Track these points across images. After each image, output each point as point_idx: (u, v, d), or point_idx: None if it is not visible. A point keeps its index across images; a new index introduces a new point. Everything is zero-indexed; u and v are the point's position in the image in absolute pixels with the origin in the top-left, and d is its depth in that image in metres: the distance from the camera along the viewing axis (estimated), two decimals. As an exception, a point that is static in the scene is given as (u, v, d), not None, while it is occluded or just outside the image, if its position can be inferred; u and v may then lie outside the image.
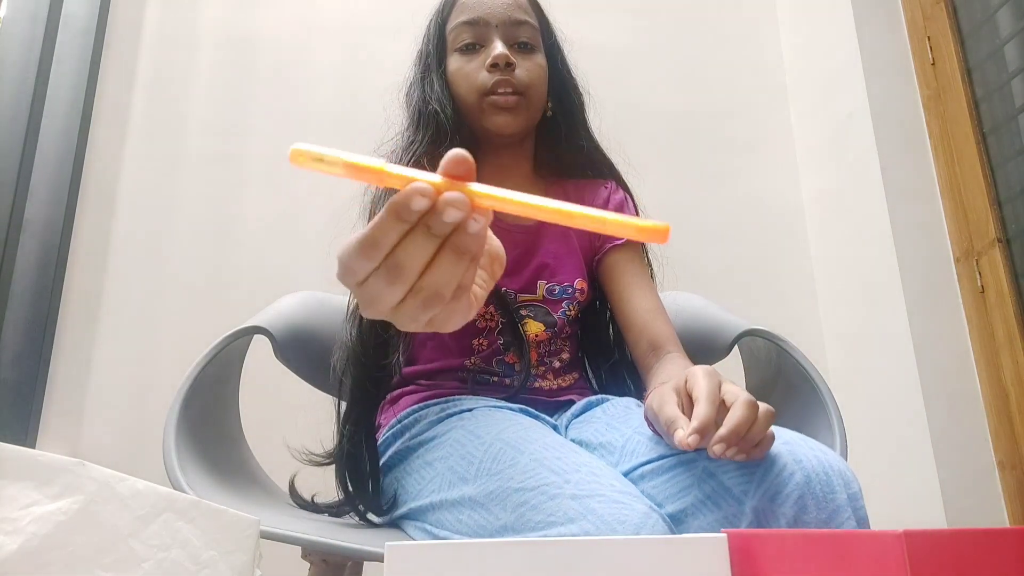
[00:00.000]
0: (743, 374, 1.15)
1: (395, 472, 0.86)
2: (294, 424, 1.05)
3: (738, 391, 0.62)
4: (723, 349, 1.08)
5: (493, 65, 0.93)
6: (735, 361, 1.13)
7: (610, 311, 1.01)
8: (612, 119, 1.08)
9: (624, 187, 1.05)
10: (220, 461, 0.91)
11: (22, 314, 1.61)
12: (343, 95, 1.87)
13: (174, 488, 0.76)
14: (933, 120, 1.64)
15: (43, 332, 1.60)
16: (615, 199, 1.03)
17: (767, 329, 1.04)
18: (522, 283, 0.96)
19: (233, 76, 1.88)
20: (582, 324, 1.03)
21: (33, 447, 1.54)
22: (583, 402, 0.92)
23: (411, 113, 1.00)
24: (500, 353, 0.94)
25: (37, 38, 1.76)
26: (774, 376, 1.06)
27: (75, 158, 1.72)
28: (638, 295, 0.95)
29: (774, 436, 0.62)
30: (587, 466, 0.65)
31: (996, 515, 1.40)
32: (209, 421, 0.94)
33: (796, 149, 1.95)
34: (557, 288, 0.96)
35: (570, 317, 0.97)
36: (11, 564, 0.46)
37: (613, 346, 1.02)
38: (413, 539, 0.79)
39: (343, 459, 0.87)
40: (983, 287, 1.49)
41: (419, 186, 0.39)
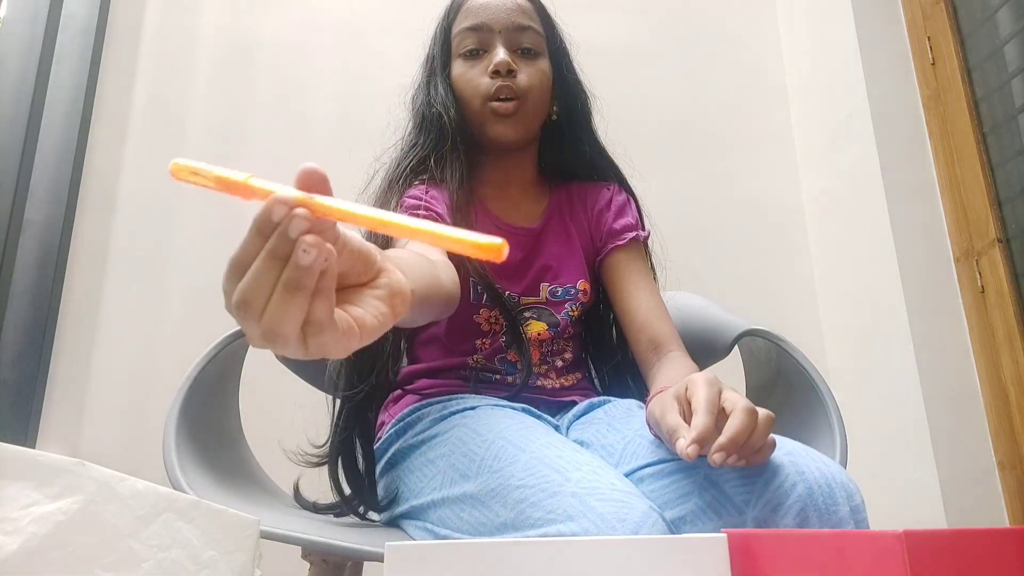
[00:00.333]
0: (743, 374, 1.15)
1: (397, 470, 0.86)
2: (294, 425, 1.04)
3: (737, 398, 0.61)
4: (723, 349, 1.08)
5: (495, 71, 0.94)
6: (735, 361, 1.13)
7: (613, 312, 1.01)
8: (612, 119, 1.09)
9: (628, 189, 1.06)
10: (220, 461, 0.91)
11: (22, 314, 1.60)
12: (343, 96, 1.87)
13: (174, 488, 0.76)
14: (933, 120, 1.64)
15: (43, 332, 1.60)
16: (618, 201, 1.03)
17: (767, 329, 1.04)
18: (525, 286, 0.96)
19: (233, 76, 1.87)
20: (585, 325, 1.04)
21: (33, 447, 1.54)
22: (585, 403, 0.92)
23: (415, 116, 1.01)
24: (502, 351, 0.94)
25: (37, 38, 1.76)
26: (774, 376, 1.06)
27: (75, 158, 1.72)
28: (639, 294, 0.96)
29: (775, 442, 0.62)
30: (588, 465, 0.65)
31: (996, 515, 1.40)
32: (209, 421, 0.94)
33: (796, 149, 1.95)
34: (560, 290, 0.97)
35: (573, 318, 0.97)
36: (11, 564, 0.46)
37: (616, 347, 1.02)
38: (413, 538, 0.79)
39: (335, 458, 0.87)
40: (983, 287, 1.49)
41: (280, 196, 0.37)
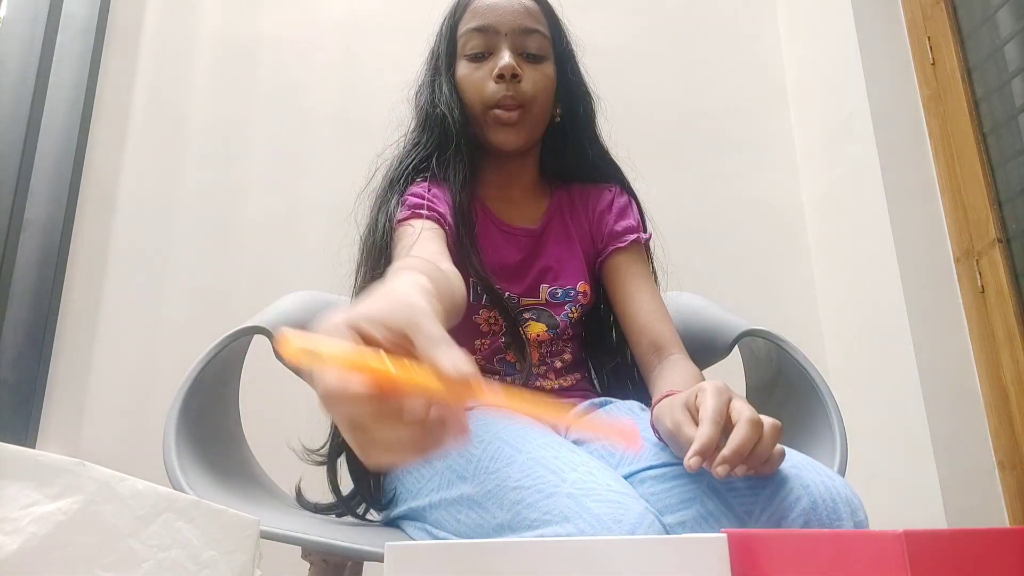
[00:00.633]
0: (743, 374, 1.15)
1: (395, 470, 0.86)
2: (294, 424, 1.04)
3: (743, 408, 0.61)
4: (723, 349, 1.08)
5: (499, 76, 0.93)
6: (735, 361, 1.13)
7: (613, 314, 1.01)
8: (611, 119, 1.08)
9: (629, 191, 1.05)
10: (220, 461, 0.91)
11: (22, 314, 1.60)
12: (343, 95, 1.87)
13: (174, 488, 0.76)
14: (933, 120, 1.64)
15: (43, 332, 1.60)
16: (619, 202, 1.03)
17: (767, 329, 1.04)
18: (525, 287, 0.96)
19: (233, 76, 1.87)
20: (585, 326, 1.03)
21: (33, 447, 1.53)
22: (585, 404, 0.92)
23: (419, 114, 1.00)
24: (501, 352, 0.94)
25: (37, 38, 1.76)
26: (774, 376, 1.06)
27: (75, 158, 1.72)
28: (640, 297, 0.95)
29: (784, 452, 0.62)
30: (584, 465, 0.65)
31: (996, 515, 1.40)
32: (209, 421, 0.94)
33: (796, 149, 1.95)
34: (560, 291, 0.96)
35: (572, 319, 0.97)
36: (11, 564, 0.46)
37: (616, 349, 1.02)
38: (412, 539, 0.79)
39: (335, 457, 0.88)
40: (983, 287, 1.49)
41: (418, 405, 0.38)
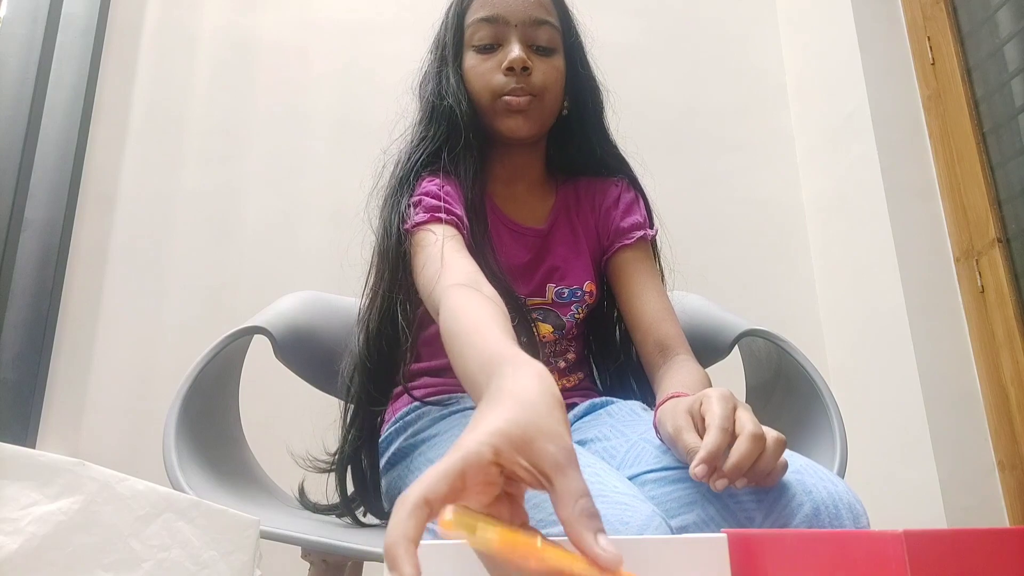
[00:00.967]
0: (743, 374, 1.15)
1: (397, 469, 0.86)
2: (294, 424, 1.04)
3: (747, 420, 0.60)
4: (723, 349, 1.08)
5: (509, 69, 0.91)
6: (735, 361, 1.13)
7: (617, 312, 1.00)
8: (612, 119, 1.08)
9: (637, 186, 1.03)
10: (220, 461, 0.91)
11: (22, 314, 1.60)
12: (343, 95, 1.87)
13: (174, 488, 0.76)
14: (933, 120, 1.64)
15: (43, 332, 1.60)
16: (626, 198, 1.01)
17: (767, 329, 1.04)
18: (532, 287, 0.95)
19: (233, 76, 1.87)
20: (589, 325, 1.02)
21: (33, 447, 1.53)
22: (587, 404, 0.91)
23: (424, 106, 0.98)
24: None
25: (37, 38, 1.76)
26: (774, 376, 1.06)
27: (75, 158, 1.72)
28: (646, 295, 0.94)
29: (787, 464, 0.62)
30: (591, 467, 0.65)
31: (996, 515, 1.40)
32: (209, 421, 0.94)
33: (796, 149, 1.95)
34: (566, 291, 0.95)
35: (578, 320, 0.96)
36: (11, 564, 0.46)
37: (620, 348, 1.01)
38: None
39: (344, 463, 0.87)
40: (983, 287, 1.49)
41: None
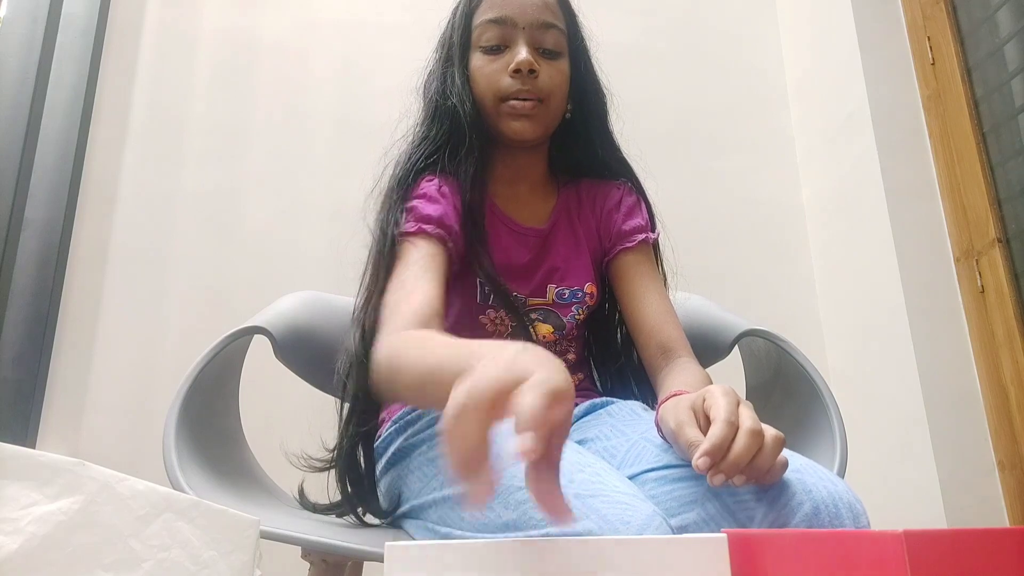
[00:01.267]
0: (743, 374, 1.15)
1: (398, 468, 0.86)
2: (294, 424, 1.04)
3: (747, 417, 0.60)
4: (723, 349, 1.08)
5: (515, 71, 0.91)
6: (735, 361, 1.13)
7: (619, 314, 1.00)
8: (612, 119, 1.08)
9: (639, 189, 1.03)
10: (220, 461, 0.91)
11: (22, 314, 1.60)
12: (343, 96, 1.87)
13: (174, 488, 0.76)
14: (933, 120, 1.64)
15: (43, 332, 1.60)
16: (628, 201, 1.01)
17: (767, 329, 1.04)
18: (532, 287, 0.95)
19: (233, 76, 1.87)
20: (590, 327, 1.02)
21: (33, 447, 1.53)
22: (587, 404, 0.91)
23: (428, 106, 0.98)
24: None
25: (37, 38, 1.76)
26: (774, 376, 1.06)
27: (75, 158, 1.72)
28: (648, 298, 0.94)
29: (787, 462, 0.61)
30: (591, 467, 0.65)
31: (996, 515, 1.40)
32: (209, 421, 0.94)
33: (796, 149, 1.95)
34: (567, 292, 0.96)
35: (579, 321, 0.96)
36: (11, 564, 0.46)
37: (620, 350, 1.01)
38: (414, 538, 0.79)
39: (341, 461, 0.87)
40: (983, 287, 1.49)
41: None
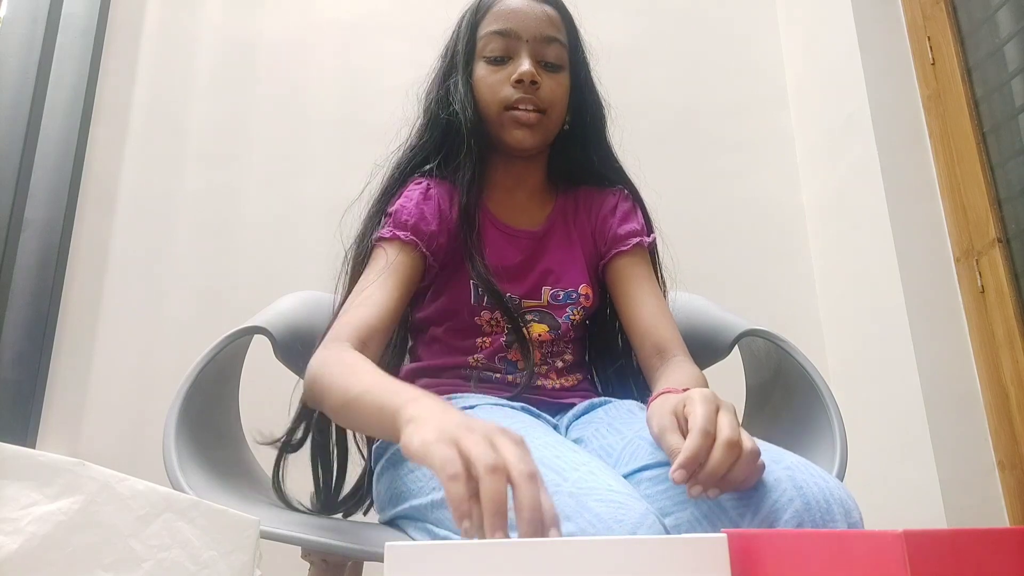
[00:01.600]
0: (743, 374, 1.15)
1: (398, 469, 0.86)
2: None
3: (725, 425, 0.61)
4: (723, 349, 1.08)
5: (518, 81, 0.94)
6: (735, 361, 1.13)
7: (618, 319, 1.01)
8: (612, 119, 1.08)
9: (636, 197, 1.05)
10: (220, 461, 0.91)
11: (22, 314, 1.60)
12: (343, 96, 1.87)
13: (174, 488, 0.76)
14: (933, 120, 1.64)
15: (43, 332, 1.60)
16: (623, 207, 1.03)
17: (767, 329, 1.04)
18: (527, 288, 0.96)
19: (233, 76, 1.87)
20: (590, 331, 1.04)
21: (33, 447, 1.54)
22: (584, 404, 0.92)
23: (427, 113, 1.00)
24: (503, 351, 0.94)
25: (37, 38, 1.76)
26: (774, 376, 1.06)
27: (75, 158, 1.72)
28: (644, 299, 0.96)
29: (763, 468, 0.63)
30: (586, 465, 0.65)
31: (996, 515, 1.40)
32: (209, 421, 0.94)
33: (796, 149, 1.95)
34: (562, 293, 0.97)
35: (574, 322, 0.97)
36: (11, 564, 0.46)
37: (620, 352, 1.02)
38: (413, 538, 0.79)
39: (290, 450, 0.92)
40: (983, 287, 1.49)
41: None
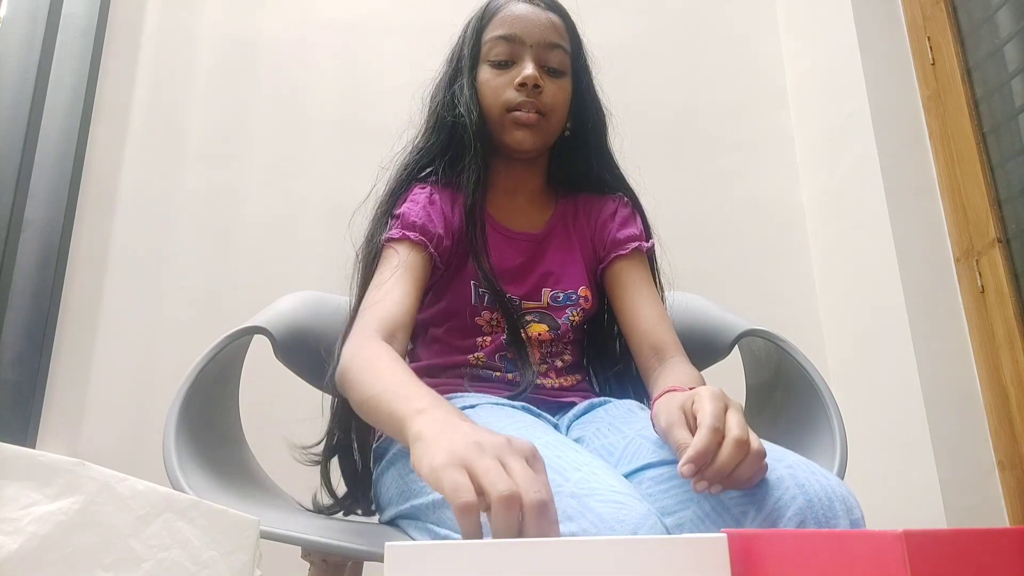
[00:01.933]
0: (743, 374, 1.15)
1: (398, 468, 0.86)
2: (294, 425, 1.04)
3: (734, 424, 0.62)
4: (723, 349, 1.08)
5: (521, 84, 0.95)
6: (735, 361, 1.13)
7: (616, 321, 1.02)
8: (614, 127, 1.09)
9: (635, 203, 1.06)
10: (220, 461, 0.91)
11: (22, 314, 1.60)
12: (343, 96, 1.87)
13: (174, 488, 0.76)
14: (933, 120, 1.64)
15: (43, 332, 1.60)
16: (623, 212, 1.04)
17: (767, 329, 1.04)
18: (526, 290, 0.97)
19: (233, 76, 1.87)
20: (589, 334, 1.04)
21: (33, 447, 1.53)
22: (585, 404, 0.93)
23: (431, 115, 1.02)
24: (503, 349, 0.95)
25: (37, 38, 1.76)
26: (774, 376, 1.06)
27: (75, 158, 1.72)
28: (642, 302, 0.97)
29: (767, 467, 0.64)
30: (587, 465, 0.65)
31: (996, 515, 1.40)
32: (209, 421, 0.94)
33: (796, 149, 1.95)
34: (561, 295, 0.98)
35: (574, 323, 0.98)
36: (11, 564, 0.46)
37: (619, 356, 1.03)
38: (413, 538, 0.79)
39: (329, 458, 0.90)
40: (983, 287, 1.49)
41: None
